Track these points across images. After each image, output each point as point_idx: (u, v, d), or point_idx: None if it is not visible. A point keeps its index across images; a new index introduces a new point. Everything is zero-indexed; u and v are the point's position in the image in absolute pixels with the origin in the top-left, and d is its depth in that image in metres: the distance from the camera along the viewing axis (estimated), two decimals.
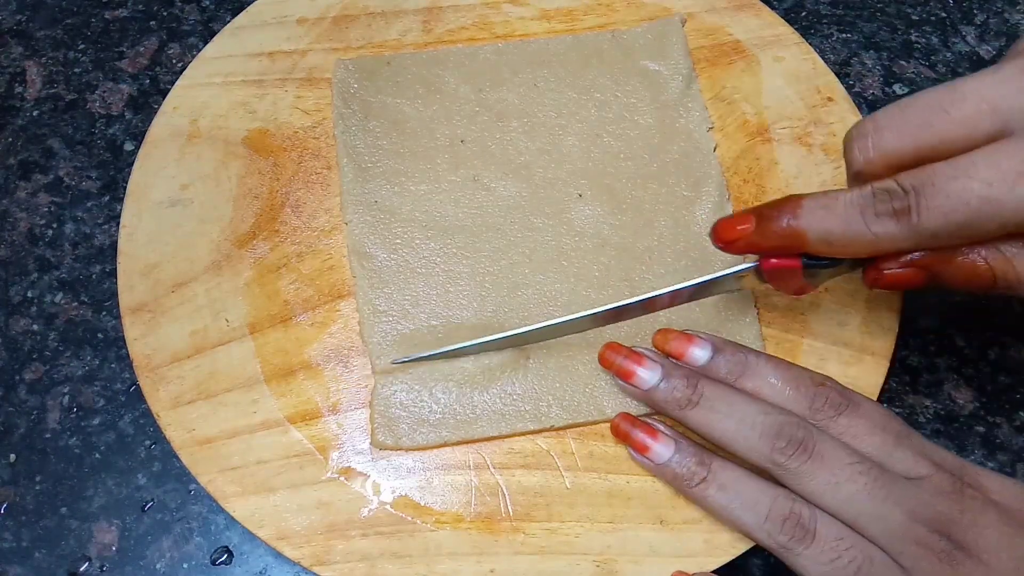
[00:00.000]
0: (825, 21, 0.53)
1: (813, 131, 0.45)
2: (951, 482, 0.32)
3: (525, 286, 0.41)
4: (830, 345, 0.40)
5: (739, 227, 0.35)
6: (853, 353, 0.40)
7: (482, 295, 0.41)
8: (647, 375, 0.36)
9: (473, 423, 0.38)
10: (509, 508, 0.37)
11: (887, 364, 0.40)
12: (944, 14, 0.53)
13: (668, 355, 0.38)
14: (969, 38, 0.52)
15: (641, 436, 0.37)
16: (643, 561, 0.36)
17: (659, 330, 0.38)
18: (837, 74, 0.48)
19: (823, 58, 0.48)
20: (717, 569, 0.36)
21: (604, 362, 0.38)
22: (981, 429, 0.42)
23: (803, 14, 0.53)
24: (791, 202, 0.33)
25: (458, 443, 0.38)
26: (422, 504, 0.37)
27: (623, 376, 0.37)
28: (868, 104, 0.50)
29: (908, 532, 0.31)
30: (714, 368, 0.36)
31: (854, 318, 0.41)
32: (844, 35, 0.52)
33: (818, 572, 0.32)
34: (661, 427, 0.37)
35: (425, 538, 0.36)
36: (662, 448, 0.36)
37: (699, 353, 0.37)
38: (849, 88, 0.50)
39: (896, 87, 0.51)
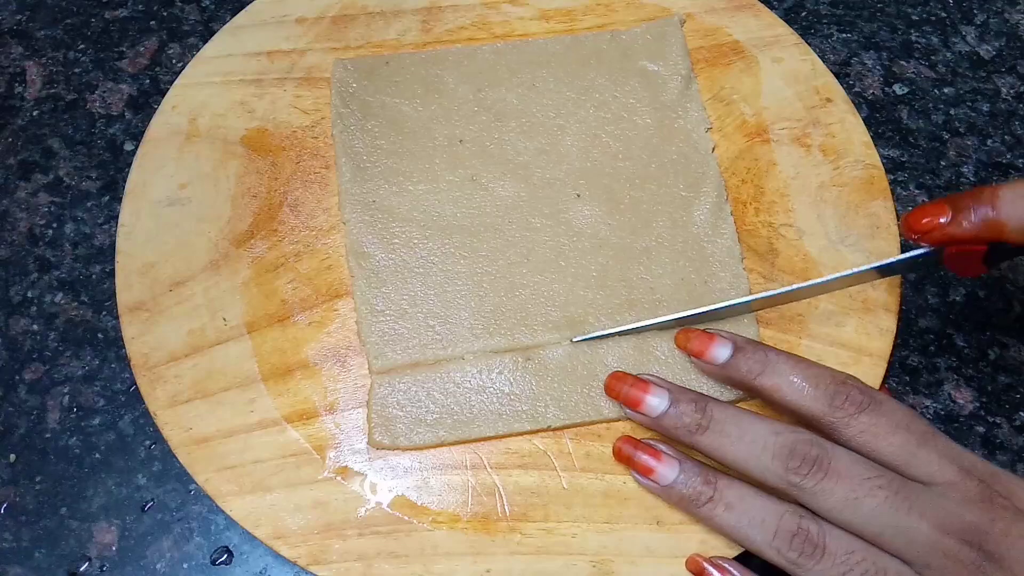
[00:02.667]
0: (825, 21, 0.53)
1: (812, 132, 0.45)
2: (979, 490, 0.31)
3: (523, 286, 0.41)
4: (827, 346, 0.40)
5: (936, 219, 0.36)
6: (851, 354, 0.40)
7: (480, 295, 0.41)
8: (655, 402, 0.36)
9: (470, 423, 0.38)
10: (506, 508, 0.37)
11: (885, 365, 0.40)
12: (944, 14, 0.53)
13: (689, 353, 0.37)
14: (969, 38, 0.52)
15: (644, 459, 0.36)
16: (639, 562, 0.36)
17: (680, 329, 0.38)
18: (837, 74, 0.48)
19: (823, 58, 0.48)
20: None
21: (610, 392, 0.38)
22: (981, 429, 0.42)
23: (803, 14, 0.53)
24: (988, 193, 0.35)
25: (455, 443, 0.38)
26: (419, 504, 0.37)
27: (631, 404, 0.37)
28: (868, 104, 0.50)
29: (936, 544, 0.31)
30: (735, 366, 0.36)
31: (851, 319, 0.41)
32: (844, 35, 0.52)
33: None
34: (664, 447, 0.37)
35: (422, 538, 0.36)
36: (666, 469, 0.36)
37: (720, 351, 0.36)
38: (849, 88, 0.50)
39: (896, 87, 0.50)
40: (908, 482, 0.32)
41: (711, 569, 0.35)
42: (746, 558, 0.35)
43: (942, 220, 0.36)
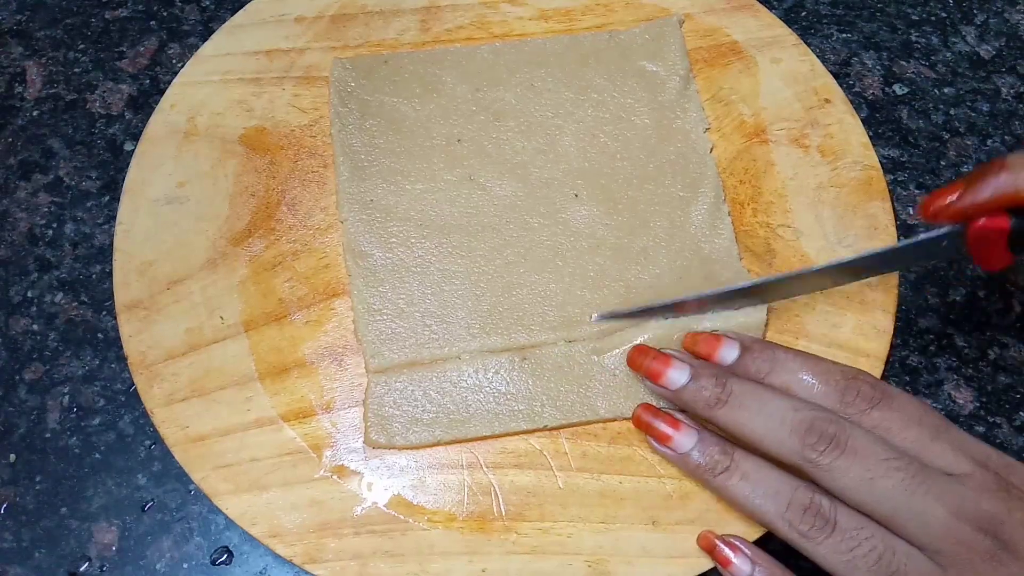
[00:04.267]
0: (825, 21, 0.53)
1: (810, 132, 0.45)
2: (995, 480, 0.31)
3: (520, 286, 0.41)
4: (825, 347, 0.40)
5: (949, 195, 0.35)
6: (848, 355, 0.40)
7: (477, 294, 0.41)
8: (676, 375, 0.36)
9: (466, 422, 0.38)
10: (502, 508, 0.37)
11: (882, 366, 0.40)
12: (944, 14, 0.53)
13: (697, 356, 0.38)
14: (969, 38, 0.52)
15: (663, 426, 0.37)
16: (635, 562, 0.36)
17: (688, 333, 0.38)
18: (837, 74, 0.48)
19: (823, 58, 0.48)
20: (706, 573, 0.36)
21: (632, 364, 0.38)
22: (981, 429, 0.42)
23: (803, 14, 0.53)
24: (996, 163, 0.34)
25: (451, 442, 0.38)
26: (415, 503, 0.37)
27: (652, 377, 0.37)
28: (868, 104, 0.50)
29: (950, 530, 0.30)
30: (743, 366, 0.36)
31: (849, 320, 0.41)
32: (844, 35, 0.52)
33: (837, 561, 0.32)
34: (682, 417, 0.37)
35: (417, 537, 0.36)
36: (684, 438, 0.36)
37: (728, 352, 0.37)
38: (849, 88, 0.50)
39: (896, 87, 0.50)
40: (926, 467, 0.32)
41: (723, 547, 0.35)
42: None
43: (957, 195, 0.35)
